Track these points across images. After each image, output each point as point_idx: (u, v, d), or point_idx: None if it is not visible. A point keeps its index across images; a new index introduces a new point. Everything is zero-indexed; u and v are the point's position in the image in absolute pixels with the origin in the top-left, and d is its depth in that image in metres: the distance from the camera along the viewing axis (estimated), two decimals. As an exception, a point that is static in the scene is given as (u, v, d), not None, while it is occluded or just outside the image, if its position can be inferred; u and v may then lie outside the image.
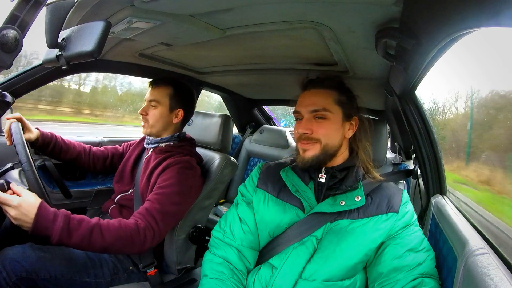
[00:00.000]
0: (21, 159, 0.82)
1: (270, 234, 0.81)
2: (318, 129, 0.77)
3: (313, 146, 0.77)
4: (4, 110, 1.04)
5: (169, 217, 0.96)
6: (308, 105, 0.79)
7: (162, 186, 0.97)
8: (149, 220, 0.90)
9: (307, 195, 0.78)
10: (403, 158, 1.77)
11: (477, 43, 0.64)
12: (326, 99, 0.78)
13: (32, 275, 0.82)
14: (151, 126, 1.09)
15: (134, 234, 0.86)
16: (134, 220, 0.89)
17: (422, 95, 0.93)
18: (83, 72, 1.52)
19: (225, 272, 0.78)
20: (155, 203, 0.93)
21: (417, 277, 0.66)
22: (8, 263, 0.81)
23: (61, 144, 1.14)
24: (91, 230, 0.79)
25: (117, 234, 0.83)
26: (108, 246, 0.82)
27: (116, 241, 0.83)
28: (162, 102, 1.09)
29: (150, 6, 0.70)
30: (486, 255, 0.54)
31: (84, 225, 0.78)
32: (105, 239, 0.80)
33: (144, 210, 0.92)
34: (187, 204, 1.04)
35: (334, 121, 0.78)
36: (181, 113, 1.12)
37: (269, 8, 0.69)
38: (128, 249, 0.87)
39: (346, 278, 0.73)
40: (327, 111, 0.77)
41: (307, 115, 0.79)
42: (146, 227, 0.89)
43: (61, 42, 0.63)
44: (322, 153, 0.77)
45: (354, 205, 0.74)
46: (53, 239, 0.74)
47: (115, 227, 0.84)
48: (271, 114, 2.57)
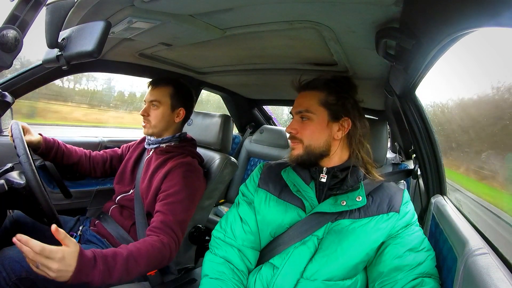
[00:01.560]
0: (19, 152, 0.82)
1: (272, 234, 0.81)
2: (301, 129, 0.80)
3: (297, 146, 0.80)
4: (4, 110, 1.04)
5: (183, 224, 0.98)
6: (295, 107, 0.83)
7: (170, 193, 0.98)
8: (169, 233, 0.92)
9: (309, 195, 0.79)
10: (403, 158, 1.77)
11: (477, 43, 0.64)
12: (310, 101, 0.81)
13: (31, 275, 0.82)
14: (154, 127, 1.09)
15: (162, 251, 0.87)
16: (156, 237, 0.90)
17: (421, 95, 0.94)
18: (83, 72, 1.52)
19: (226, 272, 0.78)
20: (169, 215, 0.94)
21: (418, 277, 0.66)
22: (8, 263, 0.81)
23: (63, 149, 1.15)
24: (126, 262, 0.78)
25: (148, 257, 0.83)
26: (144, 270, 0.83)
27: (150, 263, 0.84)
28: (163, 102, 1.09)
29: (150, 6, 0.70)
30: (486, 255, 0.54)
31: (119, 260, 0.77)
32: (140, 266, 0.81)
33: (161, 225, 0.93)
34: (195, 206, 1.05)
35: (318, 122, 0.79)
36: (182, 112, 1.13)
37: (269, 8, 0.69)
38: (159, 266, 0.89)
39: (347, 278, 0.73)
40: (309, 113, 0.80)
41: (295, 116, 0.83)
42: (169, 241, 0.90)
43: (61, 42, 0.63)
44: (305, 153, 0.79)
45: (355, 205, 0.74)
46: (94, 284, 0.71)
47: (146, 251, 0.84)
48: (271, 114, 2.57)
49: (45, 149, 1.09)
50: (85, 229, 1.10)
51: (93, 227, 1.10)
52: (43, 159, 1.14)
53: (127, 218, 1.08)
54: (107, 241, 1.05)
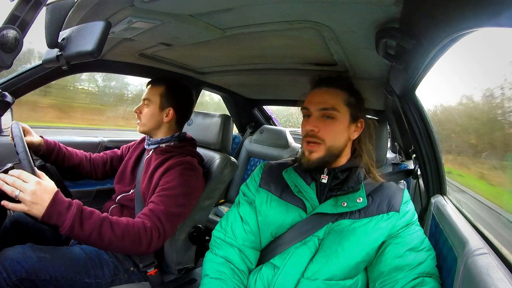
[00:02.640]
0: (18, 149, 0.82)
1: (272, 234, 0.81)
2: (325, 129, 0.76)
3: (319, 148, 0.76)
4: (4, 110, 1.04)
5: (174, 218, 0.95)
6: (318, 103, 0.78)
7: (166, 187, 0.97)
8: (154, 220, 0.90)
9: (310, 196, 0.79)
10: (403, 158, 1.77)
11: (477, 43, 0.65)
12: (336, 99, 0.78)
13: (32, 276, 0.82)
14: (143, 124, 1.10)
15: (141, 232, 0.86)
16: (140, 220, 0.89)
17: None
18: (83, 72, 1.52)
19: (226, 272, 0.78)
20: (160, 204, 0.93)
21: (418, 276, 0.66)
22: (8, 263, 0.81)
23: (64, 152, 1.15)
24: (101, 221, 0.79)
25: (125, 229, 0.83)
26: (116, 240, 0.81)
27: (124, 237, 0.82)
28: (153, 100, 1.09)
29: (150, 6, 0.70)
30: (486, 255, 0.54)
31: (95, 217, 0.79)
32: (114, 232, 0.81)
33: (149, 211, 0.92)
34: (191, 205, 1.03)
35: (341, 122, 0.77)
36: (171, 112, 1.11)
37: (269, 8, 0.69)
38: (134, 247, 0.85)
39: (348, 278, 0.74)
40: (335, 111, 0.76)
41: (316, 112, 0.78)
42: (152, 227, 0.88)
43: (61, 42, 0.63)
44: (327, 155, 0.77)
45: (355, 207, 0.75)
46: (64, 227, 0.73)
47: (124, 223, 0.84)
48: (271, 114, 2.57)
49: (46, 151, 1.09)
50: (85, 229, 1.10)
51: (93, 227, 1.10)
52: (45, 161, 1.14)
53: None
54: None
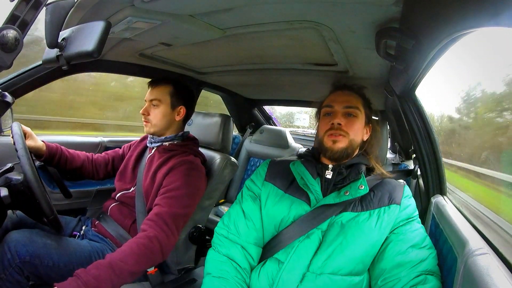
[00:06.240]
0: (17, 147, 0.82)
1: (276, 228, 0.81)
2: (349, 124, 0.83)
3: (343, 139, 0.82)
4: (4, 110, 1.04)
5: (180, 219, 0.96)
6: (343, 101, 0.85)
7: (170, 188, 0.98)
8: (160, 225, 0.90)
9: (314, 189, 0.80)
10: (403, 158, 1.77)
11: (477, 43, 0.65)
12: (357, 100, 0.87)
13: (35, 260, 0.83)
14: (154, 126, 1.10)
15: (149, 246, 0.86)
16: (143, 233, 0.89)
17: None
18: (83, 72, 1.52)
19: (229, 270, 0.78)
20: (165, 207, 0.94)
21: (420, 274, 0.67)
22: (14, 245, 0.82)
23: (66, 154, 1.15)
24: (110, 266, 0.78)
25: (134, 253, 0.83)
26: (136, 268, 0.82)
27: (140, 260, 0.83)
28: (163, 100, 1.09)
29: (150, 6, 0.70)
30: (486, 255, 0.54)
31: (102, 268, 0.77)
32: (128, 265, 0.80)
33: (155, 217, 0.92)
34: (195, 205, 1.04)
35: (361, 121, 0.85)
36: (183, 111, 1.13)
37: (269, 8, 0.69)
38: (152, 261, 0.87)
39: (354, 274, 0.74)
40: (358, 110, 0.84)
41: (340, 110, 0.84)
42: (157, 234, 0.89)
43: (61, 42, 0.63)
44: (349, 147, 0.82)
45: (358, 194, 0.77)
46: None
47: (130, 249, 0.83)
48: (271, 114, 2.57)
49: (48, 155, 1.09)
50: (87, 229, 1.10)
51: (94, 227, 1.10)
52: (47, 165, 1.15)
53: (127, 217, 1.08)
54: (110, 241, 1.05)
